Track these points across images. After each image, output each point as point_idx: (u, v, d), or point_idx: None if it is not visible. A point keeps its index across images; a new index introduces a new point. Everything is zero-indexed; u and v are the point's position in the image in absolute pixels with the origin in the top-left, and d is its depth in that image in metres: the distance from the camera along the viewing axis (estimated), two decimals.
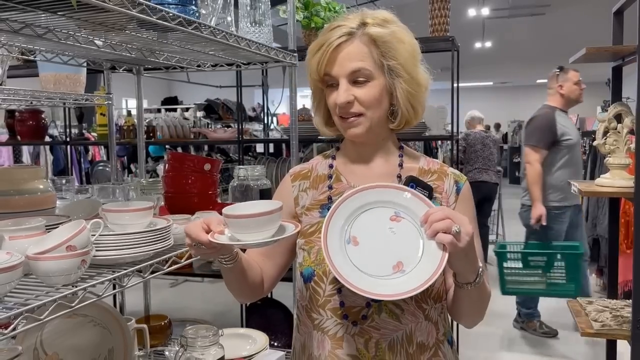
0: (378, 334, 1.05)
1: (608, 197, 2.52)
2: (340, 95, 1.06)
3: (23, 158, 5.37)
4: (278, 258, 1.18)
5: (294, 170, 1.23)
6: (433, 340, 1.09)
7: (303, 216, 1.15)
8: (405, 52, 1.06)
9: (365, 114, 1.07)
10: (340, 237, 0.96)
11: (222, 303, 4.75)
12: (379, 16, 1.08)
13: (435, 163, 1.17)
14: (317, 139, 3.48)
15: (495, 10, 8.55)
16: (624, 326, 1.95)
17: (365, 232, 0.97)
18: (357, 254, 0.94)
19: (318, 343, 1.09)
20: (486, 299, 1.08)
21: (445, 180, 1.14)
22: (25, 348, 1.27)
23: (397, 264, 0.92)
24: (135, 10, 1.03)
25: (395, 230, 0.96)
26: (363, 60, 1.05)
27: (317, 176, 1.18)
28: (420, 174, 1.13)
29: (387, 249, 0.94)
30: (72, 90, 1.98)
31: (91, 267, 1.04)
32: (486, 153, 5.53)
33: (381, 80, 1.06)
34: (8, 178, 1.34)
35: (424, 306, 1.07)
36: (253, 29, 1.67)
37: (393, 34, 1.06)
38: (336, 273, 0.91)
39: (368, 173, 1.14)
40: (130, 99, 10.01)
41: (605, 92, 4.63)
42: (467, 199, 1.14)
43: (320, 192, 1.15)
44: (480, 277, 0.99)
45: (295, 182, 1.19)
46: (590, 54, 1.98)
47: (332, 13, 2.88)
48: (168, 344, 1.92)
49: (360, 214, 0.98)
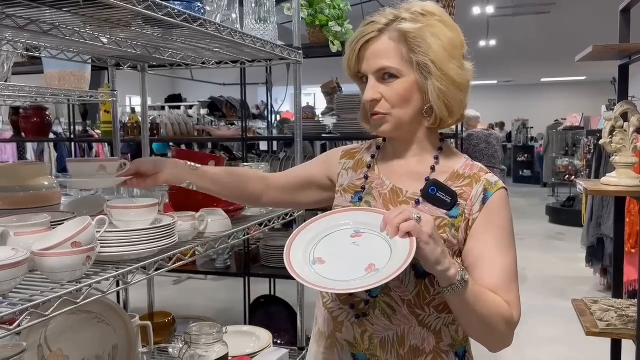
0: (372, 329, 1.07)
1: (614, 196, 2.51)
2: (367, 92, 1.06)
3: (27, 155, 5.38)
4: (295, 194, 1.29)
5: (346, 148, 1.27)
6: (430, 348, 1.06)
7: (339, 194, 1.19)
8: (439, 48, 1.02)
9: (391, 113, 1.06)
10: (305, 260, 0.96)
11: (225, 300, 4.75)
12: (417, 9, 1.04)
13: (474, 167, 1.11)
14: (320, 136, 3.48)
15: (499, 9, 8.51)
16: (629, 326, 1.94)
17: (329, 251, 0.97)
18: (325, 270, 0.94)
19: (325, 320, 1.14)
20: (488, 315, 0.98)
21: (475, 186, 1.06)
22: (29, 344, 1.27)
23: (368, 266, 0.92)
24: (141, 7, 1.02)
25: (359, 243, 0.97)
26: (389, 57, 1.03)
27: (361, 160, 1.20)
28: (451, 177, 1.09)
29: (355, 259, 0.94)
30: (77, 87, 1.98)
31: (95, 263, 1.04)
32: (490, 151, 5.52)
33: (411, 77, 1.04)
34: (13, 174, 1.34)
35: (417, 312, 1.06)
36: (258, 26, 1.66)
37: (426, 29, 1.02)
38: (307, 284, 0.91)
39: (400, 170, 1.13)
40: (133, 97, 10.01)
41: (610, 91, 4.61)
42: (495, 210, 1.05)
43: (357, 177, 1.17)
44: (463, 280, 0.94)
45: (342, 159, 1.23)
46: (596, 52, 1.97)
47: (336, 10, 2.87)
48: (172, 341, 1.93)
49: (319, 241, 1.00)
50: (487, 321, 0.99)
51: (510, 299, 1.02)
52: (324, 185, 1.25)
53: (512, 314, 1.01)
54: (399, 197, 1.10)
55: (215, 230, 1.43)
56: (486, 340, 1.04)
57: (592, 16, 8.02)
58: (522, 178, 13.98)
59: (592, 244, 4.98)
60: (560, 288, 5.02)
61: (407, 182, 1.10)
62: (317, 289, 0.92)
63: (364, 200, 1.13)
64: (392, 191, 1.11)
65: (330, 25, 2.82)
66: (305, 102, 3.52)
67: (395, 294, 1.05)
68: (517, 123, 14.69)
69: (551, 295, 4.83)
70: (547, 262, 6.05)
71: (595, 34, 4.39)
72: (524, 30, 9.50)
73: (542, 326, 4.09)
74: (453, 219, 1.05)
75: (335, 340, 1.11)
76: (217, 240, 1.43)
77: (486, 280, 1.01)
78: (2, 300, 0.88)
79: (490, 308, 0.98)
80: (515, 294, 1.03)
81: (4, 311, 0.84)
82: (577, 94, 15.13)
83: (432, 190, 1.05)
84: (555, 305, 4.54)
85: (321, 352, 1.14)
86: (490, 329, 1.00)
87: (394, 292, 1.05)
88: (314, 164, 1.30)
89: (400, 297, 1.05)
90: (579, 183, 2.13)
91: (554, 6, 8.34)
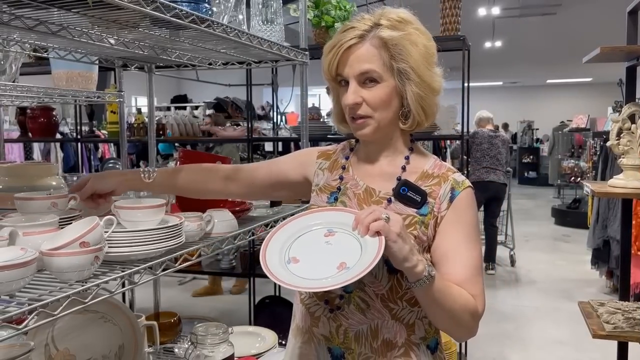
0: (347, 323, 1.11)
1: (621, 198, 2.49)
2: (349, 96, 1.09)
3: (34, 155, 5.41)
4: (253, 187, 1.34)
5: (321, 148, 1.30)
6: (402, 340, 1.10)
7: (314, 194, 1.22)
8: (418, 55, 1.07)
9: (373, 116, 1.10)
10: (280, 260, 1.00)
11: (229, 301, 4.76)
12: (394, 17, 1.08)
13: (442, 167, 1.16)
14: (326, 137, 3.48)
15: (505, 10, 8.49)
16: (636, 328, 1.93)
17: (303, 251, 1.01)
18: (299, 268, 0.98)
19: (302, 315, 1.18)
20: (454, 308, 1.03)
21: (443, 185, 1.12)
22: (36, 343, 1.28)
23: (340, 265, 0.95)
24: (149, 8, 1.03)
25: (331, 242, 1.01)
26: (372, 62, 1.07)
27: (336, 161, 1.24)
28: (421, 177, 1.14)
29: (328, 258, 0.97)
30: (84, 88, 1.99)
31: (103, 263, 1.04)
32: (493, 152, 5.48)
33: (390, 82, 1.08)
34: (22, 174, 1.35)
35: (391, 306, 1.09)
36: (265, 27, 1.67)
37: (405, 37, 1.07)
38: (280, 282, 0.94)
39: (372, 171, 1.18)
40: (139, 97, 10.06)
41: (617, 92, 4.59)
42: (462, 208, 1.10)
43: (333, 177, 1.21)
44: (430, 275, 0.97)
45: (319, 159, 1.26)
46: (604, 54, 1.97)
47: (342, 12, 2.88)
48: (177, 341, 1.93)
49: (295, 240, 1.03)
50: (453, 314, 1.04)
51: (475, 292, 1.07)
52: (299, 183, 1.29)
53: (476, 306, 1.07)
54: (372, 197, 1.14)
55: (222, 230, 1.44)
56: (452, 331, 1.11)
57: (598, 17, 7.99)
58: (528, 179, 13.94)
59: (598, 246, 4.96)
60: (566, 290, 5.00)
61: (379, 182, 1.15)
62: (290, 288, 0.96)
63: (339, 200, 1.17)
64: (366, 191, 1.15)
65: (336, 27, 2.82)
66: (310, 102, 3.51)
67: (370, 289, 1.09)
68: (522, 124, 14.63)
69: (557, 298, 4.81)
70: (553, 264, 6.03)
71: (601, 36, 4.38)
72: (530, 31, 9.48)
73: (548, 328, 4.08)
74: (423, 216, 1.10)
75: (312, 335, 1.15)
76: (223, 240, 1.43)
77: (453, 275, 1.06)
78: (11, 299, 0.89)
79: (456, 301, 1.03)
80: (480, 287, 1.09)
81: (12, 310, 0.84)
82: (583, 95, 15.07)
83: (403, 190, 1.10)
84: (561, 307, 4.52)
85: (298, 346, 1.18)
86: (456, 321, 1.06)
87: (368, 287, 1.09)
88: (288, 164, 1.32)
89: (374, 292, 1.09)
90: (585, 185, 2.12)
91: (560, 7, 8.31)
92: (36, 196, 1.19)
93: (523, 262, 5.99)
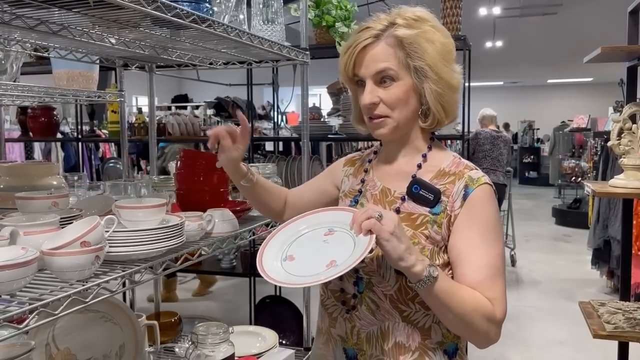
0: (359, 324, 1.10)
1: (622, 198, 2.49)
2: (365, 96, 1.09)
3: (34, 154, 5.41)
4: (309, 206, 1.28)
5: (348, 156, 1.32)
6: (416, 344, 1.07)
7: (340, 200, 1.24)
8: (434, 52, 1.06)
9: (390, 116, 1.09)
10: (276, 257, 1.01)
11: (230, 301, 4.76)
12: (410, 15, 1.08)
13: (460, 164, 1.12)
14: (327, 137, 3.48)
15: (506, 10, 8.48)
16: (636, 328, 1.93)
17: (301, 249, 1.02)
18: (292, 266, 0.99)
19: (322, 317, 1.19)
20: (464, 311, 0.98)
21: (457, 183, 1.08)
22: (37, 343, 1.28)
23: (330, 262, 0.96)
24: (150, 8, 1.03)
25: (328, 240, 1.01)
26: (387, 61, 1.06)
27: (360, 167, 1.25)
28: (437, 175, 1.11)
29: (321, 256, 0.98)
30: (85, 87, 1.99)
31: (103, 263, 1.04)
32: (495, 153, 5.48)
33: (407, 81, 1.07)
34: (22, 174, 1.35)
35: (401, 307, 1.06)
36: (265, 27, 1.67)
37: (421, 34, 1.06)
38: (269, 278, 0.96)
39: (390, 171, 1.18)
40: (140, 97, 10.05)
41: (617, 92, 4.59)
42: (476, 205, 1.06)
43: (357, 182, 1.22)
44: (431, 276, 0.94)
45: (345, 167, 1.29)
46: (605, 54, 1.97)
47: (343, 11, 2.87)
48: (178, 341, 1.93)
49: (296, 239, 1.05)
50: (464, 317, 0.99)
51: (492, 295, 1.01)
52: (336, 195, 1.29)
53: (494, 311, 1.00)
54: (387, 197, 1.14)
55: (222, 230, 1.44)
56: (467, 336, 1.06)
57: (599, 17, 7.99)
58: (528, 179, 13.93)
59: (599, 246, 4.95)
60: (567, 290, 5.00)
61: (395, 182, 1.14)
62: (277, 284, 0.98)
63: (359, 202, 1.18)
64: (382, 192, 1.15)
65: (337, 26, 2.82)
66: (311, 102, 3.50)
67: (378, 289, 1.08)
68: (523, 124, 14.62)
69: (558, 297, 4.81)
70: (554, 264, 6.03)
71: (602, 35, 4.38)
72: (531, 31, 9.47)
73: (549, 328, 4.08)
74: (435, 215, 1.07)
75: (330, 336, 1.16)
76: (223, 240, 1.43)
77: (467, 277, 1.02)
78: (12, 299, 0.89)
79: (466, 304, 0.98)
80: (498, 290, 1.02)
81: (13, 310, 0.84)
82: (583, 95, 15.05)
83: (415, 188, 1.09)
84: (561, 307, 4.52)
85: (318, 347, 1.20)
86: (469, 325, 1.00)
87: (377, 287, 1.08)
88: (322, 178, 1.35)
89: (383, 292, 1.07)
90: (586, 185, 2.12)
91: (561, 7, 8.31)
92: (37, 196, 1.19)
93: (524, 262, 5.99)
